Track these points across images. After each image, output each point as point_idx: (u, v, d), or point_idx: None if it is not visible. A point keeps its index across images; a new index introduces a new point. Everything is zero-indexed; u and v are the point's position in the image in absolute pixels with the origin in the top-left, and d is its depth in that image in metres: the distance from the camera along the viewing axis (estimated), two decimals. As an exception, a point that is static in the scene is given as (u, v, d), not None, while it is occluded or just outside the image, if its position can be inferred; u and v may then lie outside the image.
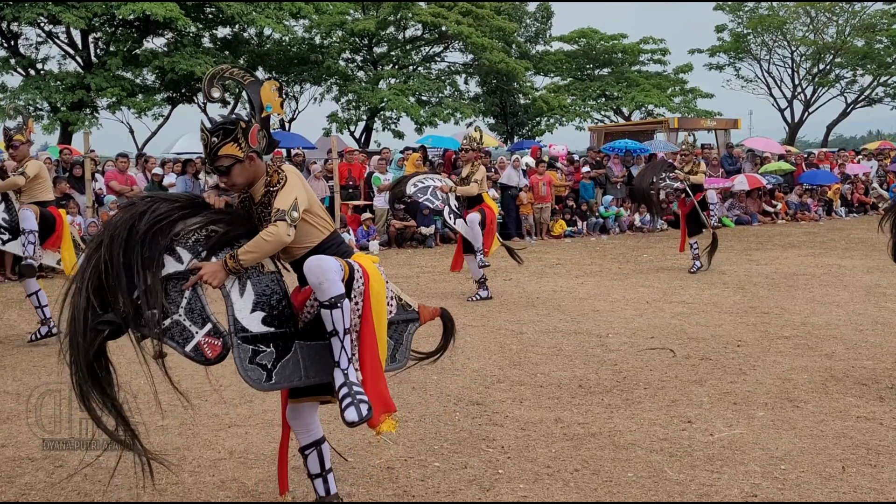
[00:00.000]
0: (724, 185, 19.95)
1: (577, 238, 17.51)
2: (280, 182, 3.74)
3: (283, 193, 3.68)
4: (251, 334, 3.62)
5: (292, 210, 3.63)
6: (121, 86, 23.84)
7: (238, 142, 3.70)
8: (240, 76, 3.82)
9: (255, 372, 3.60)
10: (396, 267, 13.12)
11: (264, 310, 3.68)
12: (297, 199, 3.67)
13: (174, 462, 4.78)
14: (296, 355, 3.72)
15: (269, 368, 3.64)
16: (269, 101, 3.82)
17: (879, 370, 6.61)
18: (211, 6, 24.95)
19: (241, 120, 3.72)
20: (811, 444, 4.98)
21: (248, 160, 3.73)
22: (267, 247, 3.62)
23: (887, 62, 37.19)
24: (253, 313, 3.65)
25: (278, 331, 3.69)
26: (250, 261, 3.63)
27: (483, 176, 10.14)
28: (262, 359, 3.63)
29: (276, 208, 3.64)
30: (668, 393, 6.07)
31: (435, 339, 4.64)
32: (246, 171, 3.75)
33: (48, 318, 7.91)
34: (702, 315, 8.92)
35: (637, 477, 4.52)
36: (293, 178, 3.76)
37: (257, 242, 3.61)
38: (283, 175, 3.77)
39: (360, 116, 30.74)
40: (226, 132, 3.69)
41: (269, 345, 3.66)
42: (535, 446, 4.99)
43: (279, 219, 3.61)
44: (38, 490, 4.45)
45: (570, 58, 37.53)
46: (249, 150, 3.72)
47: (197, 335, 3.58)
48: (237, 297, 3.65)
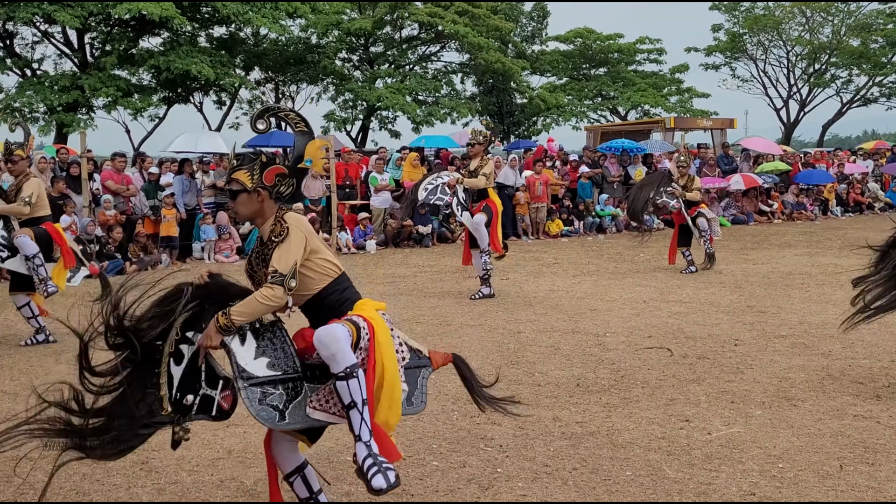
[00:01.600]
0: (720, 184, 19.97)
1: (574, 237, 17.52)
2: (281, 234, 3.70)
3: (283, 252, 3.66)
4: (258, 379, 3.62)
5: (291, 278, 3.62)
6: (116, 85, 23.79)
7: (252, 173, 3.72)
8: (293, 120, 3.84)
9: (266, 412, 3.59)
10: (394, 266, 13.12)
11: (268, 356, 3.68)
12: (297, 263, 3.65)
13: (172, 461, 4.79)
14: (306, 397, 3.71)
15: (281, 409, 3.63)
16: (313, 156, 3.82)
17: (876, 369, 6.63)
18: (207, 5, 24.90)
19: (263, 154, 3.76)
20: (809, 442, 4.99)
21: (256, 194, 3.72)
22: (261, 308, 3.63)
23: (882, 62, 37.26)
24: (256, 360, 3.66)
25: (286, 375, 3.68)
26: (243, 320, 3.62)
27: (492, 170, 10.15)
28: (271, 400, 3.62)
29: (274, 269, 3.62)
30: (665, 392, 6.08)
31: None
32: (251, 204, 3.74)
33: (43, 327, 7.90)
34: (699, 314, 8.94)
35: (635, 475, 4.53)
36: (296, 233, 3.70)
37: (251, 305, 3.61)
38: (286, 228, 3.71)
39: (356, 116, 30.72)
40: (245, 159, 3.74)
41: (276, 387, 3.65)
42: (534, 445, 5.00)
43: (276, 283, 3.60)
44: (37, 489, 4.44)
45: (567, 57, 37.55)
46: (260, 185, 3.71)
47: (216, 397, 3.70)
48: (238, 346, 3.65)
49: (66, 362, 7.07)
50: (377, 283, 11.55)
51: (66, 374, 6.63)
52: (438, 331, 8.27)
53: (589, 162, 19.66)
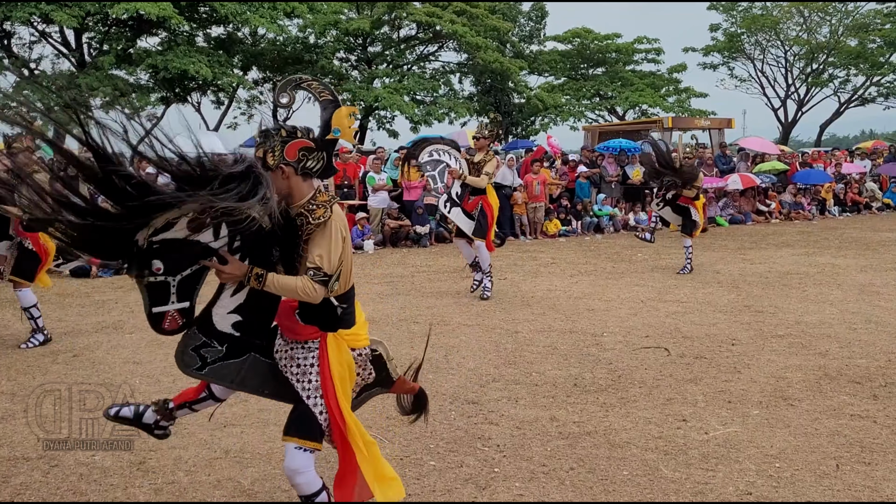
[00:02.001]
0: (718, 184, 19.98)
1: (572, 237, 17.52)
2: (322, 220, 3.51)
3: (326, 248, 3.50)
4: (213, 329, 3.61)
5: (335, 281, 3.53)
6: (114, 85, 23.77)
7: (273, 150, 3.52)
8: (317, 90, 3.70)
9: (191, 359, 3.60)
10: (391, 266, 13.12)
11: (242, 315, 3.64)
12: (343, 266, 3.56)
13: (170, 461, 4.79)
14: (243, 363, 3.69)
15: (208, 362, 3.63)
16: (341, 125, 3.68)
17: (873, 368, 6.64)
18: (204, 5, 24.89)
19: (283, 129, 3.56)
20: (805, 442, 5.00)
21: (280, 172, 3.51)
22: (294, 296, 3.53)
23: (880, 62, 37.31)
24: (230, 314, 3.62)
25: (242, 336, 3.66)
26: (270, 291, 3.51)
27: (493, 168, 10.09)
28: (206, 352, 3.61)
29: (319, 266, 3.48)
30: (662, 391, 6.08)
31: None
32: (277, 183, 3.50)
33: (43, 328, 7.87)
34: (696, 314, 8.94)
35: (632, 475, 4.53)
36: (336, 228, 3.54)
37: (290, 288, 3.49)
38: (329, 215, 3.53)
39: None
40: (266, 136, 3.56)
41: (222, 344, 3.64)
42: (531, 445, 5.01)
43: (321, 282, 3.49)
44: (34, 490, 4.44)
45: (565, 57, 37.58)
46: (283, 160, 3.51)
47: (169, 305, 3.50)
48: (228, 294, 3.61)
49: (64, 363, 7.07)
50: (375, 282, 11.54)
51: (62, 374, 6.65)
52: (436, 330, 8.26)
53: (587, 162, 19.67)
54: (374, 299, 10.06)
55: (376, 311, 9.31)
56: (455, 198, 9.99)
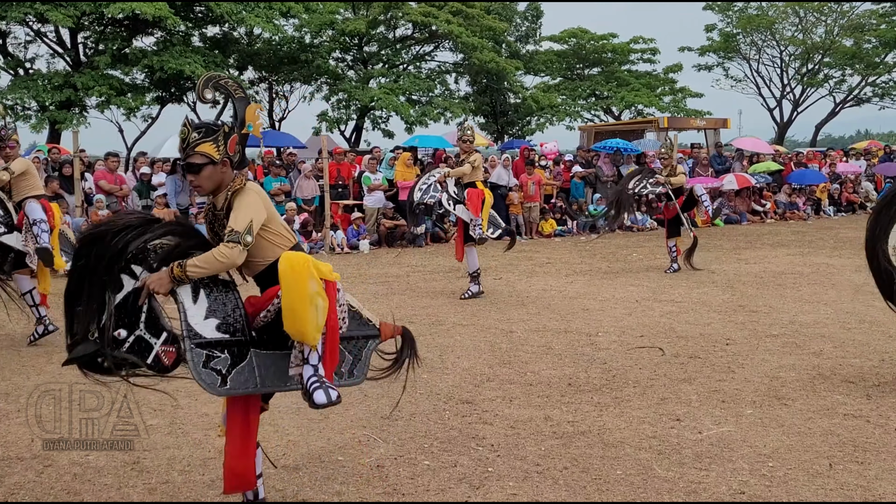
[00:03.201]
0: (713, 184, 20.01)
1: (567, 237, 17.55)
2: (238, 186, 3.76)
3: (239, 211, 3.68)
4: (205, 340, 3.62)
5: (246, 234, 3.64)
6: (109, 84, 23.73)
7: (217, 144, 3.74)
8: (232, 87, 3.87)
9: (209, 376, 3.60)
10: (387, 266, 13.13)
11: (217, 317, 3.67)
12: (253, 221, 3.68)
13: (164, 461, 4.79)
14: (251, 363, 3.71)
15: (224, 374, 3.63)
16: (252, 121, 3.88)
17: (867, 368, 6.66)
18: (200, 5, 24.85)
19: (225, 125, 3.79)
20: (799, 441, 5.01)
21: (222, 164, 3.76)
22: (217, 266, 3.63)
23: (875, 62, 37.35)
24: (206, 320, 3.65)
25: (233, 338, 3.69)
26: (198, 274, 3.62)
27: (477, 159, 10.10)
28: (216, 364, 3.62)
29: (231, 228, 3.64)
30: (657, 391, 6.09)
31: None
32: (216, 176, 3.77)
33: (43, 317, 7.87)
34: (691, 314, 8.96)
35: (626, 475, 4.54)
36: (252, 195, 3.74)
37: (208, 260, 3.62)
38: (244, 183, 3.77)
39: (350, 115, 30.67)
40: (208, 131, 3.74)
41: (223, 351, 3.65)
42: (525, 444, 5.01)
43: (233, 240, 3.62)
44: (28, 489, 4.44)
45: (560, 57, 37.55)
46: (226, 155, 3.76)
47: (155, 346, 3.63)
48: (190, 304, 3.64)
49: (59, 362, 7.06)
50: (370, 282, 11.55)
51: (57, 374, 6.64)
52: (431, 330, 8.27)
53: (582, 162, 19.69)
54: (369, 299, 10.06)
55: (371, 310, 9.27)
56: (455, 195, 10.05)
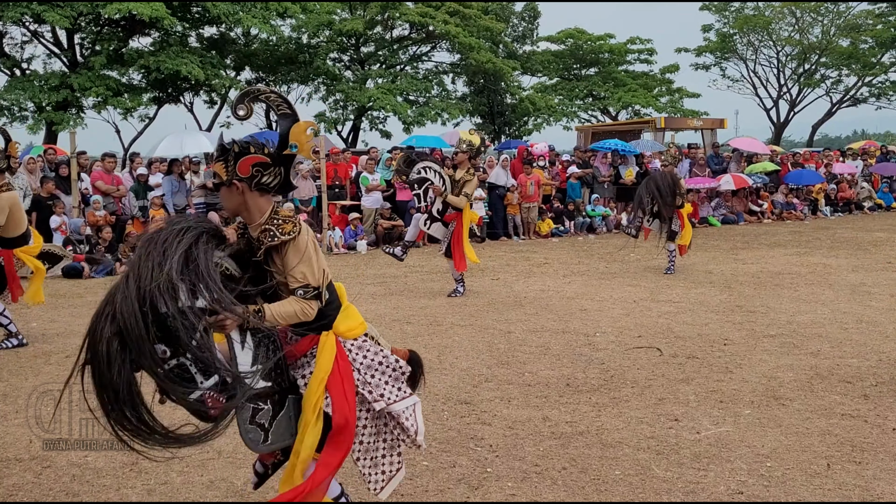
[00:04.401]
0: (710, 184, 20.03)
1: (565, 237, 17.55)
2: (293, 234, 3.42)
3: (308, 264, 3.44)
4: (253, 391, 3.37)
5: (326, 290, 3.49)
6: (105, 85, 23.71)
7: (227, 164, 3.46)
8: (275, 103, 3.53)
9: (254, 433, 3.43)
10: (384, 267, 13.12)
11: (261, 363, 3.43)
12: (325, 273, 3.50)
13: (162, 462, 4.78)
14: (289, 411, 3.55)
15: (267, 428, 3.46)
16: (299, 141, 3.50)
17: (864, 368, 6.67)
18: (197, 6, 24.83)
19: (235, 144, 3.48)
20: (796, 441, 5.02)
21: (234, 187, 3.46)
22: (294, 320, 3.46)
23: (872, 62, 37.42)
24: (252, 367, 3.40)
25: (274, 385, 3.51)
26: (272, 324, 3.42)
27: (473, 191, 10.25)
28: (260, 418, 3.45)
29: (307, 283, 3.42)
30: (655, 391, 6.10)
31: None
32: (232, 198, 3.48)
33: (15, 333, 7.79)
34: (688, 314, 8.97)
35: (624, 475, 4.55)
36: (310, 242, 3.48)
37: (288, 314, 3.42)
38: (299, 229, 3.44)
39: (347, 116, 30.70)
40: (221, 151, 3.49)
41: (266, 401, 3.47)
42: (523, 445, 5.02)
43: (313, 298, 3.44)
44: (26, 491, 4.44)
45: (558, 58, 37.58)
46: (235, 177, 3.44)
47: (201, 386, 3.19)
48: (239, 348, 3.36)
49: (57, 363, 7.06)
50: (368, 283, 11.55)
51: (55, 375, 6.64)
52: (429, 331, 8.28)
53: (579, 162, 19.69)
54: (367, 300, 10.07)
55: (369, 311, 9.31)
56: (436, 214, 10.11)
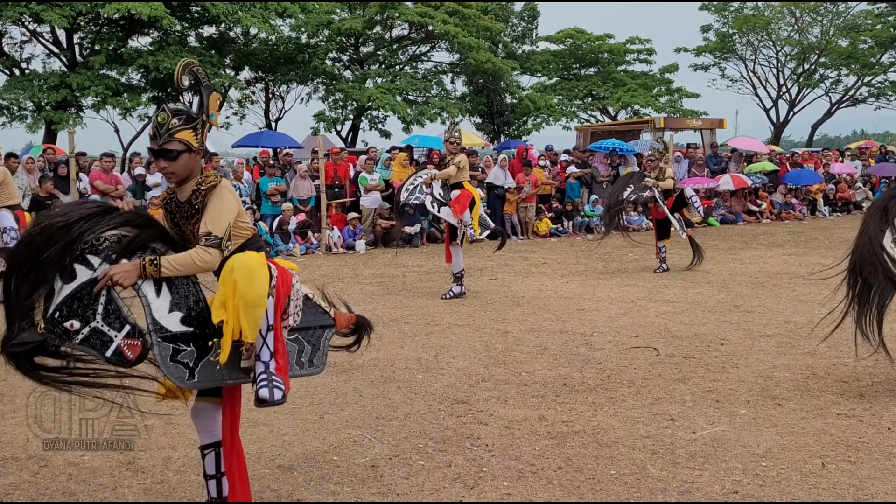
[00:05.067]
0: (709, 184, 20.05)
1: (563, 237, 17.57)
2: (212, 185, 3.68)
3: (217, 214, 3.64)
4: (170, 333, 3.59)
5: (227, 240, 3.63)
6: (105, 84, 23.70)
7: (196, 132, 3.71)
8: (202, 75, 3.84)
9: (177, 369, 3.58)
10: (383, 266, 13.14)
11: (181, 310, 3.64)
12: (231, 224, 3.66)
13: (159, 461, 4.79)
14: (215, 354, 3.68)
15: (191, 367, 3.61)
16: (214, 111, 3.84)
17: (860, 368, 6.68)
18: (196, 5, 24.82)
19: (203, 114, 3.77)
20: (792, 441, 5.03)
21: (197, 154, 3.74)
22: (195, 269, 3.62)
23: (871, 62, 37.43)
24: (171, 313, 3.61)
25: (197, 331, 3.66)
26: (171, 274, 3.59)
27: (462, 160, 10.10)
28: (182, 357, 3.60)
29: (209, 231, 3.60)
30: (651, 391, 6.11)
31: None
32: (190, 164, 3.72)
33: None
34: (686, 314, 8.98)
35: (620, 474, 4.56)
36: (227, 194, 3.70)
37: (186, 262, 3.59)
38: (218, 180, 3.72)
39: (346, 116, 30.71)
40: (189, 118, 3.71)
41: (189, 344, 3.62)
42: (520, 444, 5.02)
43: (213, 245, 3.60)
44: (23, 490, 4.45)
45: (557, 57, 37.59)
46: (201, 144, 3.76)
47: (116, 339, 3.54)
48: (153, 297, 3.59)
49: (54, 363, 7.06)
50: (366, 282, 11.56)
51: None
52: (426, 330, 8.29)
53: (578, 162, 19.71)
54: (365, 299, 10.08)
55: (367, 311, 9.26)
56: (440, 198, 10.09)
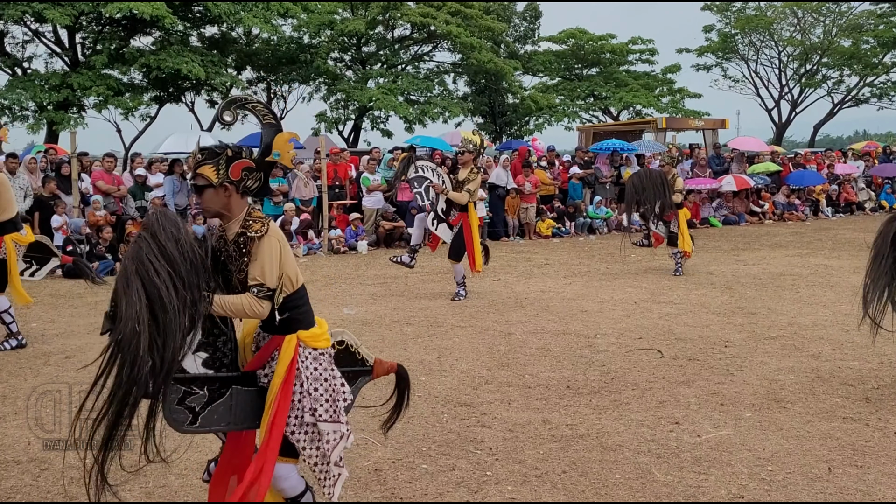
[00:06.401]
0: (711, 185, 20.01)
1: (565, 238, 17.53)
2: (260, 233, 3.56)
3: (268, 263, 3.54)
4: (187, 376, 3.50)
5: (280, 293, 3.56)
6: (106, 84, 23.71)
7: (217, 167, 3.60)
8: (260, 112, 3.71)
9: (180, 415, 3.49)
10: (385, 268, 13.10)
11: (208, 351, 3.57)
12: (284, 275, 3.58)
13: (161, 465, 4.76)
14: (230, 399, 3.61)
15: (197, 412, 3.53)
16: (281, 149, 3.69)
17: (865, 371, 6.65)
18: (198, 5, 24.84)
19: (228, 148, 3.65)
20: (798, 445, 5.00)
21: (223, 189, 3.59)
22: (243, 315, 3.58)
23: (873, 62, 37.41)
24: (196, 353, 3.53)
25: (217, 375, 3.58)
26: (219, 313, 3.55)
27: (476, 187, 10.13)
28: (191, 401, 3.52)
29: (262, 282, 3.52)
30: (655, 394, 6.08)
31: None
32: (218, 200, 3.61)
33: (16, 333, 7.76)
34: (689, 315, 8.95)
35: (625, 478, 4.53)
36: (276, 243, 3.59)
37: (237, 308, 3.53)
38: (266, 229, 3.58)
39: (348, 116, 30.72)
40: (210, 154, 3.61)
41: (203, 387, 3.55)
42: (523, 448, 5.00)
43: (266, 297, 3.52)
44: (24, 493, 4.42)
45: (559, 58, 37.60)
46: (227, 179, 3.59)
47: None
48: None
49: (56, 364, 7.05)
50: (369, 283, 11.53)
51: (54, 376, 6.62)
52: (429, 332, 8.26)
53: (580, 163, 19.67)
54: (367, 300, 10.05)
55: (369, 312, 9.30)
56: (441, 214, 10.05)
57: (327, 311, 9.05)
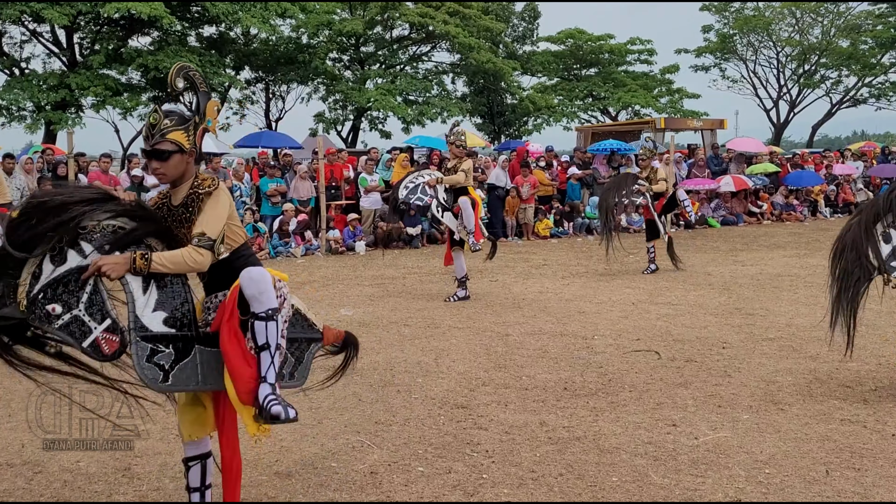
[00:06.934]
0: (710, 186, 19.99)
1: (563, 239, 17.50)
2: (212, 187, 3.66)
3: (212, 216, 3.62)
4: (150, 333, 3.56)
5: (220, 244, 3.61)
6: (104, 84, 23.67)
7: (188, 133, 3.70)
8: (198, 79, 3.84)
9: (151, 371, 3.55)
10: (383, 268, 13.08)
11: (166, 310, 3.61)
12: (224, 228, 3.64)
13: (155, 468, 4.74)
14: (194, 360, 3.65)
15: (167, 369, 3.58)
16: (211, 117, 3.83)
17: (863, 372, 6.63)
18: (196, 5, 24.81)
19: (197, 115, 3.76)
20: (795, 447, 4.97)
21: (189, 155, 3.70)
22: (185, 268, 3.59)
23: (872, 63, 37.42)
24: (154, 312, 3.58)
25: (179, 333, 3.63)
26: (161, 271, 3.55)
27: (469, 167, 10.15)
28: (159, 359, 3.57)
29: (203, 232, 3.58)
30: (652, 396, 6.06)
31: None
32: (181, 166, 3.69)
33: None
34: (687, 316, 8.93)
35: (621, 481, 4.50)
36: (224, 198, 3.68)
37: (177, 260, 3.55)
38: (217, 184, 3.68)
39: (346, 116, 30.69)
40: (181, 119, 3.71)
41: (168, 346, 3.59)
42: (520, 450, 4.97)
43: (205, 247, 3.57)
44: (17, 497, 4.40)
45: (558, 58, 37.58)
46: (194, 146, 3.72)
47: (95, 331, 3.51)
48: (139, 294, 3.56)
49: (50, 366, 7.00)
50: (366, 284, 11.50)
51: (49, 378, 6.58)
52: (426, 333, 8.23)
53: (579, 163, 19.65)
54: (364, 301, 10.03)
55: (367, 312, 9.27)
56: (444, 203, 10.02)
57: (325, 311, 9.03)
